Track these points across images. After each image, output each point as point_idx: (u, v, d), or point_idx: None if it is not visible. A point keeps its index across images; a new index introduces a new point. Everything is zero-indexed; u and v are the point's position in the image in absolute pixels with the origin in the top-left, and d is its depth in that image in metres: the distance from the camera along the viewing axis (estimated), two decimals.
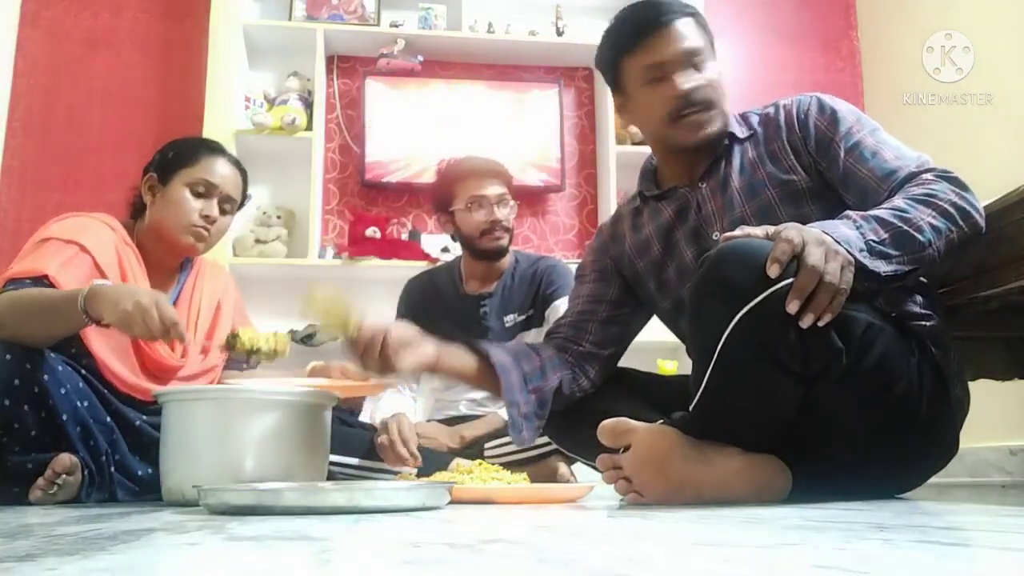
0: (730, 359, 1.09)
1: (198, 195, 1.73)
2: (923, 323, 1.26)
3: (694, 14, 1.42)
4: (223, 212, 1.77)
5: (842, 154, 1.32)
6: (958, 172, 1.26)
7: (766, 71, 3.61)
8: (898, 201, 1.18)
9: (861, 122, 1.35)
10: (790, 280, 1.04)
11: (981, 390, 1.30)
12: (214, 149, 1.80)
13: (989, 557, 0.54)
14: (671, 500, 1.10)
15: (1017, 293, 1.41)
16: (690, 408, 1.16)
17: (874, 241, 1.11)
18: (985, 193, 1.48)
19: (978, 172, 2.76)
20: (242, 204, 1.84)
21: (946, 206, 1.17)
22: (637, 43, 1.39)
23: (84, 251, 1.60)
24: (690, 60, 1.38)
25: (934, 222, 1.15)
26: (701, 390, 1.14)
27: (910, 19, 3.19)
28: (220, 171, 1.76)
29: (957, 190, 1.21)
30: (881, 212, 1.16)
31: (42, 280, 1.54)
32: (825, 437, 1.18)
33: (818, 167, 1.36)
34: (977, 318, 1.52)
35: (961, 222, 1.17)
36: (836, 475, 1.19)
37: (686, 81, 1.37)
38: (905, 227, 1.13)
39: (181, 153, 1.77)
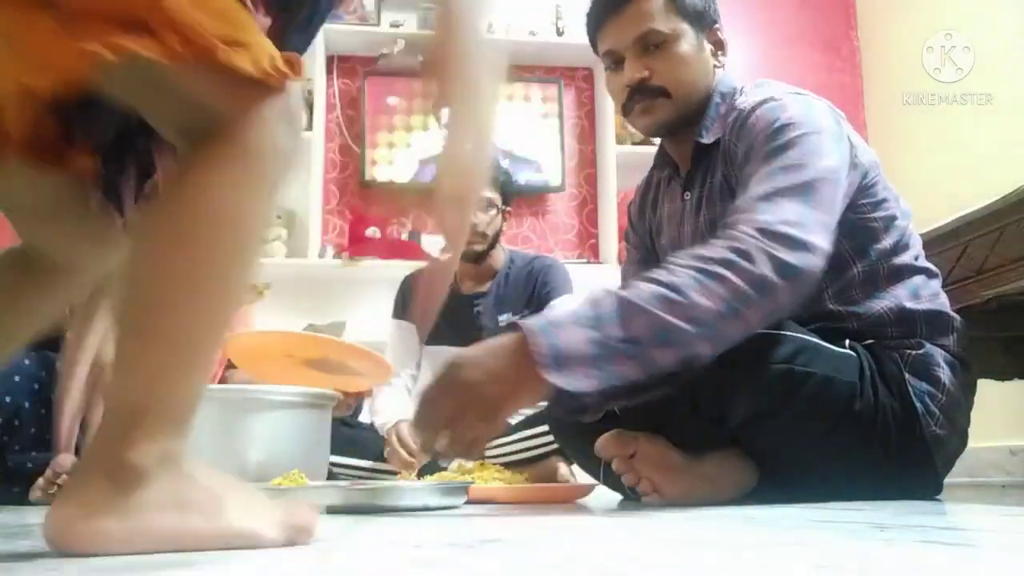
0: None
1: None
2: (907, 351, 1.17)
3: None
4: None
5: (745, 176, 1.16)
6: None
7: (766, 71, 3.59)
8: (683, 275, 0.98)
9: (790, 146, 1.13)
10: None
11: (981, 390, 1.29)
12: None
13: (989, 557, 0.54)
14: (689, 497, 1.12)
15: (1017, 293, 1.42)
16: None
17: (605, 341, 0.93)
18: (985, 193, 1.48)
19: (978, 172, 2.75)
20: None
21: (741, 283, 0.96)
22: (598, 27, 1.35)
23: None
24: (644, 45, 1.30)
25: (713, 307, 0.95)
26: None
27: (910, 19, 3.19)
28: None
29: (768, 252, 0.99)
30: (651, 290, 0.96)
31: None
32: (776, 453, 1.17)
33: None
34: (977, 318, 1.53)
35: (758, 297, 0.97)
36: (797, 477, 1.18)
37: (633, 70, 1.30)
38: (667, 316, 0.94)
39: None
